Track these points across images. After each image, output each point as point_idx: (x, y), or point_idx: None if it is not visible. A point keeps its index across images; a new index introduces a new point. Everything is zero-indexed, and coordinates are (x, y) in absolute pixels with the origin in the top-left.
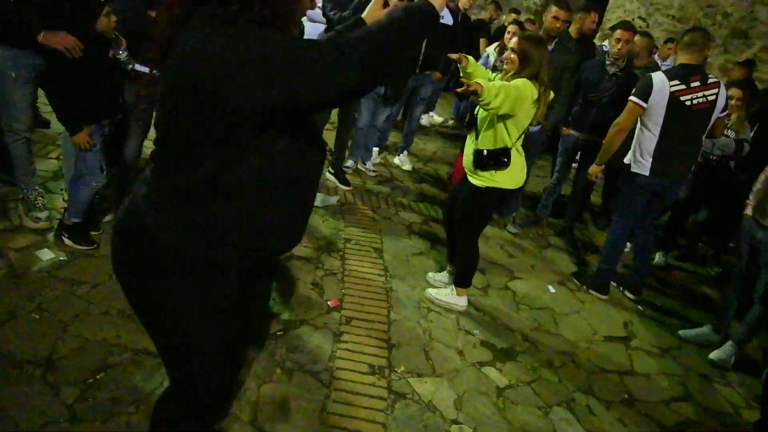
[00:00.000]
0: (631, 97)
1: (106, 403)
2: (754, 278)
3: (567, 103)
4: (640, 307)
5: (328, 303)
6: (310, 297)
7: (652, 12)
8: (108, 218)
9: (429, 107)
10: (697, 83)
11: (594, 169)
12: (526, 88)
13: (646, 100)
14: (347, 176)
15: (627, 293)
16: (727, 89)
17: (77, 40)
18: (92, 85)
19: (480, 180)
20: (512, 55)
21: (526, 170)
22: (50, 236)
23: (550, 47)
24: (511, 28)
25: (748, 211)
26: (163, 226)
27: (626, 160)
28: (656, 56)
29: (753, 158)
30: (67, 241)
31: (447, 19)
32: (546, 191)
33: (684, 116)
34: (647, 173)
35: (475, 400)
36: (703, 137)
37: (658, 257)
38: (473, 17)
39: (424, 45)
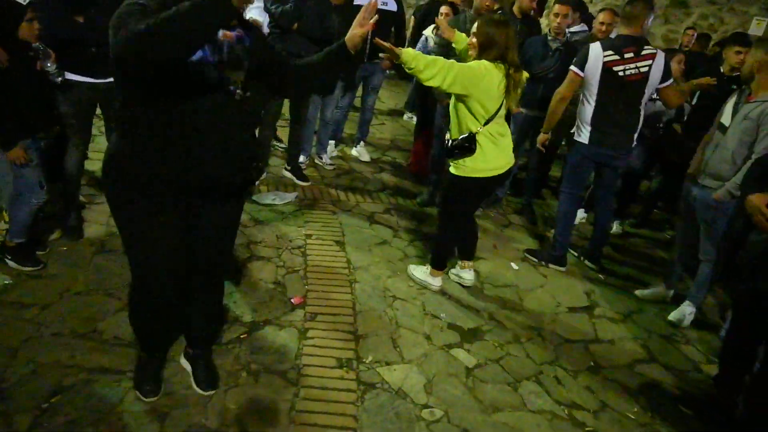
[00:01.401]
0: (571, 67)
1: (62, 427)
2: (698, 237)
3: None
4: (600, 276)
5: (292, 300)
6: (272, 296)
7: None
8: (54, 236)
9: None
10: (631, 54)
11: (541, 138)
12: (481, 68)
13: (582, 69)
14: (304, 172)
15: (588, 263)
16: (669, 59)
17: (2, 50)
18: (22, 98)
19: (455, 168)
20: (473, 40)
21: (506, 156)
22: None
23: None
24: (443, 9)
25: (690, 170)
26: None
27: (572, 130)
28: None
29: (698, 124)
30: (11, 263)
31: (391, 5)
32: None
33: (617, 86)
34: (586, 141)
35: (445, 382)
36: (641, 107)
37: (615, 226)
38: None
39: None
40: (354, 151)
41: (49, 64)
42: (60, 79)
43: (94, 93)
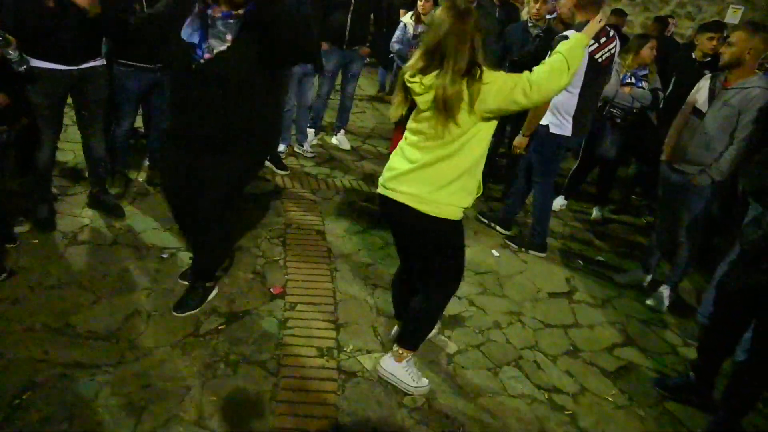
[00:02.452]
0: None
1: (35, 423)
2: (676, 221)
3: (494, 67)
4: (580, 261)
5: (271, 290)
6: (251, 287)
7: None
8: (24, 228)
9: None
10: (605, 39)
11: (521, 141)
12: None
13: None
14: (283, 160)
15: (499, 228)
16: (642, 44)
17: None
18: None
19: None
20: None
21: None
22: None
23: None
24: None
25: (663, 156)
26: None
27: (543, 122)
28: None
29: (672, 110)
30: None
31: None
32: None
33: (597, 73)
34: (569, 134)
35: (427, 368)
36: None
37: (595, 212)
38: None
39: (348, 20)
40: (334, 140)
41: (10, 52)
42: (24, 67)
43: (67, 81)
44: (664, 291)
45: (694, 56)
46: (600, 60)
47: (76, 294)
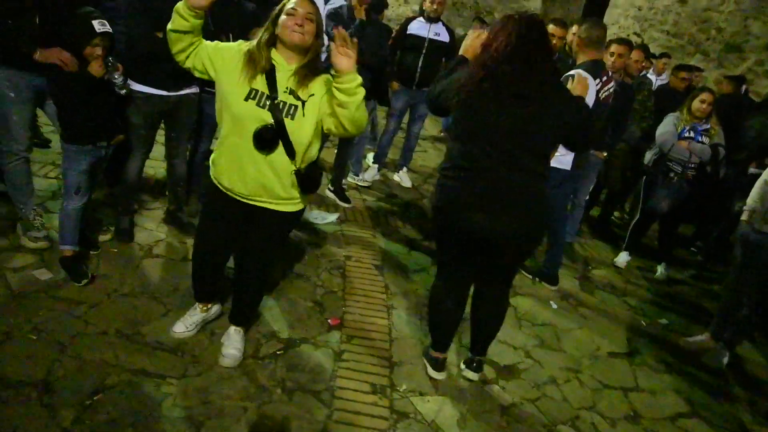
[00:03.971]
0: None
1: (103, 425)
2: (748, 282)
3: None
4: (643, 322)
5: (329, 321)
6: (310, 315)
7: (646, 28)
8: (106, 237)
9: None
10: (605, 77)
11: None
12: None
13: None
14: (347, 193)
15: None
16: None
17: (72, 56)
18: (87, 107)
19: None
20: None
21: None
22: (48, 256)
23: None
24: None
25: (744, 217)
26: None
27: None
28: (651, 71)
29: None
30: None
31: (443, 36)
32: None
33: (600, 110)
34: (569, 168)
35: (479, 419)
36: None
37: (659, 270)
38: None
39: (420, 63)
40: (396, 177)
41: (116, 77)
42: (125, 91)
43: (164, 105)
44: (722, 350)
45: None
46: (602, 97)
47: (148, 304)
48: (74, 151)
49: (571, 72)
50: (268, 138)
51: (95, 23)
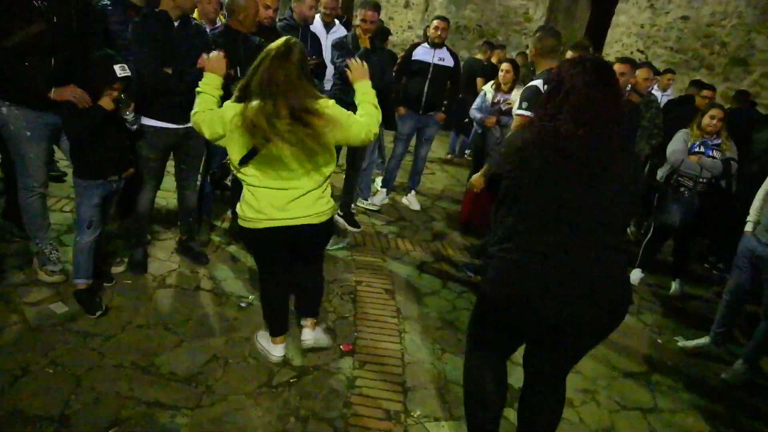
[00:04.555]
0: (521, 111)
1: None
2: (758, 294)
3: None
4: (659, 340)
5: (341, 347)
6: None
7: (650, 45)
8: (120, 269)
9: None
10: None
11: (476, 179)
12: (224, 110)
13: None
14: (356, 218)
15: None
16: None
17: (85, 92)
18: (99, 142)
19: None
20: None
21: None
22: (64, 289)
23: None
24: (504, 66)
25: (749, 227)
26: None
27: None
28: (656, 87)
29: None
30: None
31: (448, 61)
32: None
33: None
34: None
35: None
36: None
37: (674, 286)
38: (467, 57)
39: (426, 88)
40: (405, 200)
41: (127, 113)
42: (136, 126)
43: (174, 137)
44: (741, 366)
45: None
46: None
47: (161, 335)
48: (86, 186)
49: (532, 83)
50: None
51: (116, 68)
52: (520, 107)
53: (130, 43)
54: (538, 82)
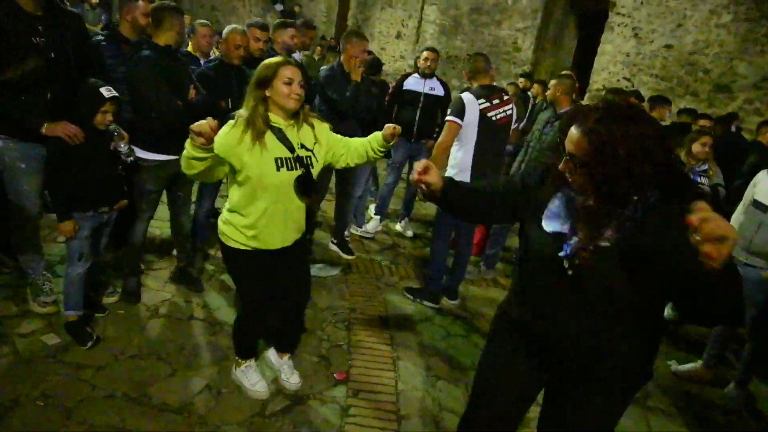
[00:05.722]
0: (449, 117)
1: None
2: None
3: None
4: None
5: (335, 376)
6: (316, 371)
7: (635, 72)
8: (112, 300)
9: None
10: (498, 101)
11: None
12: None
13: (462, 118)
14: (349, 246)
15: (446, 300)
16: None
17: (78, 128)
18: (90, 173)
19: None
20: None
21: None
22: (56, 320)
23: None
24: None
25: None
26: None
27: (446, 174)
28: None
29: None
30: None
31: (438, 90)
32: None
33: (492, 131)
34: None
35: None
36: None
37: (667, 311)
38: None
39: (417, 116)
40: (398, 227)
41: (122, 146)
42: (131, 159)
43: (175, 168)
44: (733, 389)
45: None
46: (494, 119)
47: (154, 365)
48: (76, 218)
49: (461, 94)
50: (308, 185)
51: (103, 90)
52: (450, 114)
53: (140, 79)
54: (464, 95)
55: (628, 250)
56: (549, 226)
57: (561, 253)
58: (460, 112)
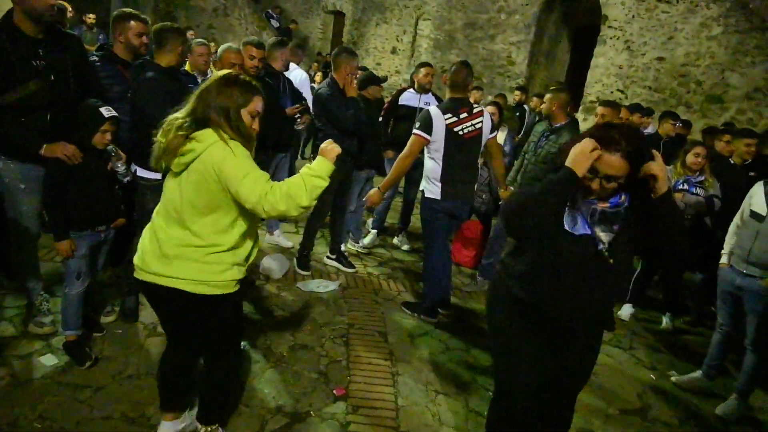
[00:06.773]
0: (415, 130)
1: None
2: (743, 325)
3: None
4: (652, 376)
5: (334, 392)
6: (315, 387)
7: (629, 84)
8: (109, 319)
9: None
10: (465, 114)
11: (373, 193)
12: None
13: (429, 133)
14: (348, 259)
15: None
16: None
17: (76, 148)
18: (87, 193)
19: None
20: None
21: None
22: (54, 341)
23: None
24: (489, 109)
25: (724, 260)
26: None
27: (420, 187)
28: (649, 128)
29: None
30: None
31: (433, 105)
32: None
33: (459, 144)
34: (439, 197)
35: None
36: (478, 161)
37: (664, 321)
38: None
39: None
40: (395, 240)
41: (119, 166)
42: (128, 179)
43: None
44: (734, 400)
45: (731, 161)
46: (461, 133)
47: (152, 385)
48: (73, 237)
49: (428, 108)
50: None
51: (102, 110)
52: (416, 128)
53: (145, 100)
54: (431, 108)
55: (630, 234)
56: (575, 230)
57: (600, 247)
58: (428, 126)
